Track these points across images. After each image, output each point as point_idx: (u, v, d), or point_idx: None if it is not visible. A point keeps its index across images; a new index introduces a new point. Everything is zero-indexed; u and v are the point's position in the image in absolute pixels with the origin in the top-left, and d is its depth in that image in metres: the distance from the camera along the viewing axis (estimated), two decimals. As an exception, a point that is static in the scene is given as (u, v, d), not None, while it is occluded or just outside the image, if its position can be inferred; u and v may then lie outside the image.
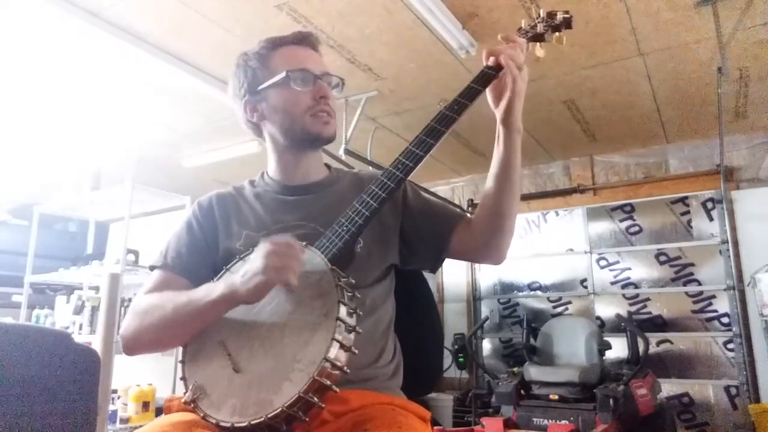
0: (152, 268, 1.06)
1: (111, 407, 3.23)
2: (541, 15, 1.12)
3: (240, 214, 1.09)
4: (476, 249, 1.05)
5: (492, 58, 1.00)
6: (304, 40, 1.09)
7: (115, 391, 3.35)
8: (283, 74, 1.03)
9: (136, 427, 3.19)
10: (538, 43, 1.13)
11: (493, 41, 1.09)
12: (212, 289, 0.88)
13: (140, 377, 3.49)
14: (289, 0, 2.51)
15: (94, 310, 3.41)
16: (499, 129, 1.00)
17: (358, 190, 0.97)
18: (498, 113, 1.00)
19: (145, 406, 3.33)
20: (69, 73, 3.11)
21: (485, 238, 1.02)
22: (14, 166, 4.62)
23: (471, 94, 1.01)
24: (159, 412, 3.37)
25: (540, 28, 1.11)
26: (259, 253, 0.83)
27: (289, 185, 1.11)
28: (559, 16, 1.12)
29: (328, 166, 1.19)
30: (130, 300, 3.48)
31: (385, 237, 1.07)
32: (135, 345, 0.96)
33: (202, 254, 1.05)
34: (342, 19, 2.67)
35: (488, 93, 1.01)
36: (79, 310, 3.54)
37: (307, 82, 1.04)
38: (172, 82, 3.22)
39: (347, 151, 3.67)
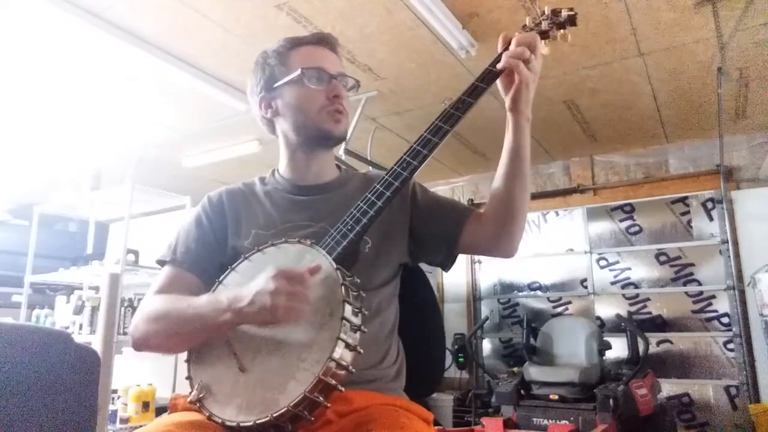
0: (161, 262, 1.06)
1: (111, 407, 3.22)
2: (546, 12, 1.12)
3: (249, 211, 1.09)
4: (488, 241, 1.04)
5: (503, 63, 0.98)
6: (323, 40, 1.11)
7: (115, 391, 3.34)
8: (299, 71, 1.04)
9: (136, 427, 3.19)
10: (542, 41, 1.12)
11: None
12: (218, 309, 0.86)
13: (140, 377, 3.48)
14: (290, 0, 2.51)
15: (94, 310, 3.41)
16: (508, 117, 1.00)
17: (367, 190, 0.96)
18: (507, 100, 0.99)
19: (145, 406, 3.33)
20: (69, 73, 3.11)
21: (497, 229, 1.02)
22: (14, 165, 4.61)
23: (476, 92, 1.00)
24: (159, 412, 3.37)
25: (544, 25, 1.11)
26: (269, 285, 0.81)
27: (300, 184, 1.11)
28: (564, 14, 1.11)
29: (338, 166, 1.19)
30: (130, 300, 3.49)
31: (393, 236, 1.07)
32: (143, 346, 0.97)
33: (210, 250, 1.05)
34: (342, 19, 2.67)
35: (499, 81, 1.00)
36: (79, 310, 3.53)
37: (322, 80, 1.05)
38: (172, 82, 3.22)
39: (347, 151, 3.67)
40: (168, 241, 1.08)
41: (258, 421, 0.76)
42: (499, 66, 0.98)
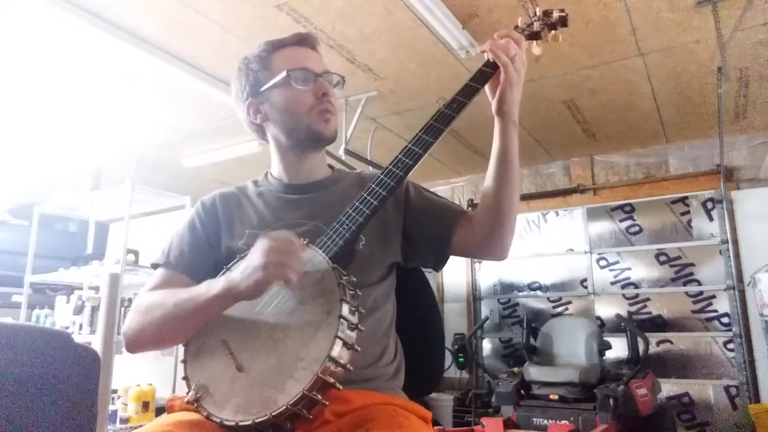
0: (155, 266, 1.07)
1: (111, 407, 3.23)
2: (537, 13, 1.13)
3: (243, 213, 1.09)
4: (478, 245, 1.04)
5: (487, 54, 1.01)
6: (303, 40, 1.11)
7: (115, 391, 3.35)
8: (284, 74, 1.04)
9: (136, 427, 3.19)
10: (534, 42, 1.13)
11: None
12: (212, 285, 0.89)
13: (140, 377, 3.49)
14: (290, 0, 2.51)
15: (94, 310, 3.41)
16: (495, 121, 1.01)
17: (361, 188, 0.97)
18: (493, 104, 1.00)
19: (145, 406, 3.33)
20: (69, 73, 3.11)
21: (487, 233, 1.02)
22: (14, 165, 4.61)
23: (469, 92, 1.01)
24: (159, 412, 3.37)
25: (536, 26, 1.12)
26: (259, 248, 0.83)
27: (292, 184, 1.12)
28: (555, 15, 1.12)
29: (331, 166, 1.20)
30: (130, 300, 3.49)
31: (387, 235, 1.07)
32: (137, 342, 0.97)
33: (204, 253, 1.05)
34: (342, 19, 2.67)
35: (487, 87, 1.02)
36: (79, 310, 3.54)
37: (308, 80, 1.05)
38: (172, 82, 3.22)
39: (347, 151, 3.67)
40: (162, 246, 1.09)
41: (257, 420, 0.76)
42: (484, 53, 1.00)
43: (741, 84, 3.40)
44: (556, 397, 3.21)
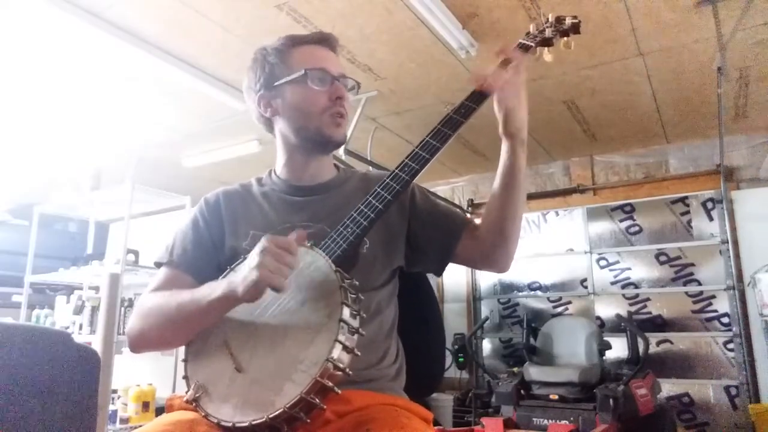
0: (158, 264, 1.06)
1: (111, 407, 3.23)
2: (550, 20, 1.12)
3: (247, 212, 1.08)
4: (481, 256, 1.05)
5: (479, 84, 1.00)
6: (324, 40, 1.10)
7: (115, 391, 3.34)
8: (302, 72, 1.03)
9: (135, 427, 3.19)
10: (546, 48, 1.12)
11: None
12: (214, 288, 0.88)
13: (140, 377, 3.48)
14: (290, 0, 2.51)
15: (94, 310, 3.41)
16: (503, 140, 1.00)
17: (366, 190, 0.96)
18: (500, 125, 0.99)
19: (145, 406, 3.33)
20: (69, 73, 3.11)
21: (489, 246, 1.02)
22: (14, 165, 4.61)
23: (478, 98, 1.01)
24: (159, 411, 3.37)
25: (548, 32, 1.11)
26: (256, 250, 0.83)
27: (297, 185, 1.11)
28: (568, 21, 1.11)
29: (336, 166, 1.19)
30: (130, 300, 3.49)
31: (391, 240, 1.06)
32: (140, 343, 0.97)
33: (207, 252, 1.05)
34: (342, 19, 2.67)
35: (495, 105, 1.01)
36: (79, 310, 3.53)
37: (325, 82, 1.04)
38: (172, 82, 3.22)
39: (347, 151, 3.67)
40: (165, 243, 1.08)
41: (254, 422, 0.76)
42: (478, 88, 1.00)
43: (741, 84, 3.40)
44: (556, 397, 3.21)
